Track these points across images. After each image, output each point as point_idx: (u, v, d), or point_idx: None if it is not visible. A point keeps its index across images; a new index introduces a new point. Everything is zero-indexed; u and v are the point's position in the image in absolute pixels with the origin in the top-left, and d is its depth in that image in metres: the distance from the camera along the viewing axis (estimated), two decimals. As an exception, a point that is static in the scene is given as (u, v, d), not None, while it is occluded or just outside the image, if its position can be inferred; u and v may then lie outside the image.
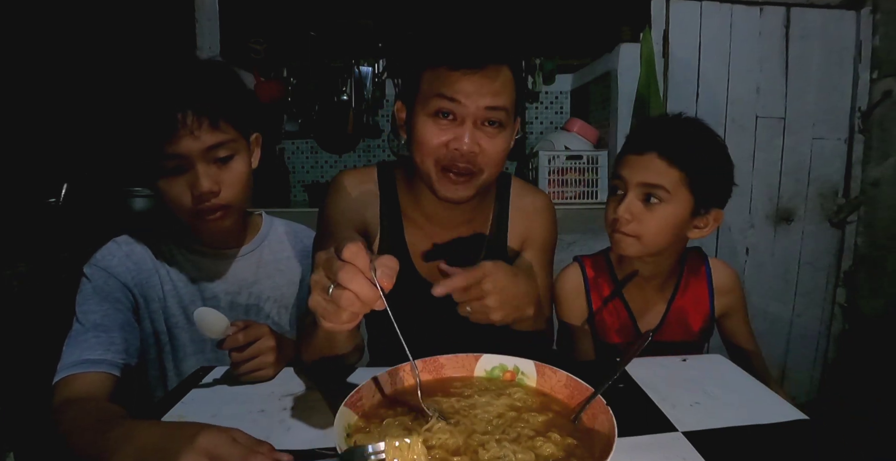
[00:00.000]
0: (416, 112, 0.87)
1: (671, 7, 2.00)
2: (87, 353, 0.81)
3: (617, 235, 0.98)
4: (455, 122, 0.84)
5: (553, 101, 2.50)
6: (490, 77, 0.82)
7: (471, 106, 0.82)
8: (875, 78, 2.11)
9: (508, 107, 0.85)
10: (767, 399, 0.73)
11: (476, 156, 0.85)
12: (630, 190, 0.96)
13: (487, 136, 0.85)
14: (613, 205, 0.99)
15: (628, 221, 0.96)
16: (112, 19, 1.79)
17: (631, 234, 0.96)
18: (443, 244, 1.00)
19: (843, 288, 2.24)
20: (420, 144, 0.86)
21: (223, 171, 0.85)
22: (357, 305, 0.53)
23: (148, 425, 0.58)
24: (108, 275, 0.90)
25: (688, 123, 1.00)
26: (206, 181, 0.82)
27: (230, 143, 0.84)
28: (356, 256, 0.52)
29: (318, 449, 0.58)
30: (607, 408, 0.52)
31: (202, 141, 0.80)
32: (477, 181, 0.88)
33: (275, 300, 1.02)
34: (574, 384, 0.59)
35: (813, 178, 2.17)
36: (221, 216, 0.86)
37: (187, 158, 0.81)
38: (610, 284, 1.09)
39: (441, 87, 0.82)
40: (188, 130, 0.79)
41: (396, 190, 1.00)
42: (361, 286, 0.52)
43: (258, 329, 0.79)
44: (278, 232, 1.06)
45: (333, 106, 2.26)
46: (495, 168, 0.89)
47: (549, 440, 0.51)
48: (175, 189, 0.83)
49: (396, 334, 0.55)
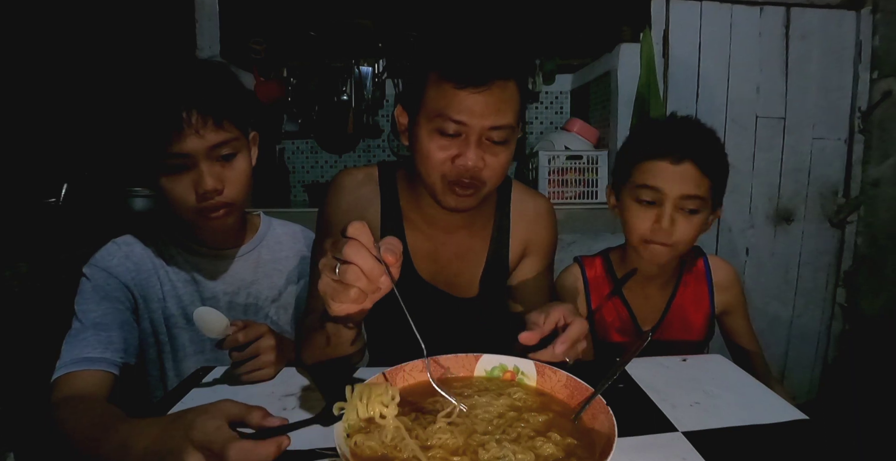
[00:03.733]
0: (419, 124, 0.85)
1: (671, 7, 2.00)
2: (86, 352, 0.81)
3: (653, 246, 0.97)
4: (459, 139, 0.83)
5: (553, 101, 2.50)
6: (496, 95, 0.81)
7: (476, 126, 0.81)
8: (875, 78, 2.11)
9: (513, 123, 0.85)
10: (767, 399, 0.73)
11: (481, 170, 0.84)
12: (667, 201, 0.95)
13: (492, 153, 0.85)
14: (645, 215, 0.97)
15: (670, 233, 0.95)
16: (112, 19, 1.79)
17: (667, 244, 0.96)
18: (444, 247, 1.00)
19: (843, 288, 2.24)
20: (425, 158, 0.85)
21: (226, 169, 0.85)
22: (363, 281, 0.55)
23: (143, 427, 0.56)
24: (107, 274, 0.91)
25: (708, 129, 1.00)
26: (210, 179, 0.82)
27: (233, 142, 0.85)
28: (360, 232, 0.55)
29: (318, 449, 0.58)
30: (607, 408, 0.52)
31: (206, 139, 0.81)
32: (481, 192, 0.88)
33: (273, 300, 1.02)
34: (574, 384, 0.59)
35: (813, 178, 2.17)
36: (224, 214, 0.87)
37: (191, 157, 0.81)
38: (610, 284, 1.09)
39: (446, 108, 0.81)
40: (193, 129, 0.80)
41: (398, 192, 0.99)
42: (366, 259, 0.54)
43: (258, 328, 0.79)
44: (276, 232, 1.06)
45: (333, 106, 2.26)
46: (498, 179, 0.89)
47: (549, 440, 0.51)
48: (178, 187, 0.83)
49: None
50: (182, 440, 0.49)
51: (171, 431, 0.51)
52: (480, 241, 1.02)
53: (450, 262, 1.01)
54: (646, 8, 1.98)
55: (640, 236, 0.98)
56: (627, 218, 1.00)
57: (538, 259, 1.04)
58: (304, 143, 2.43)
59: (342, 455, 0.46)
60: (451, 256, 1.00)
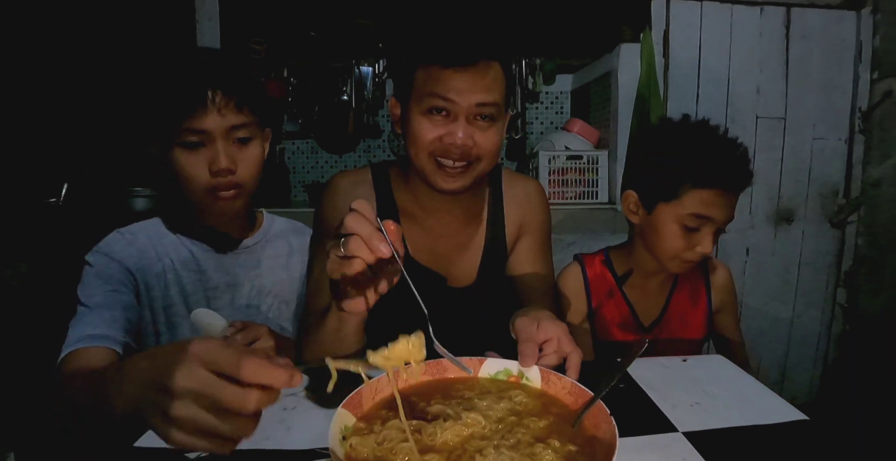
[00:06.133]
0: (410, 109, 0.89)
1: (671, 7, 2.00)
2: (90, 329, 0.81)
3: (685, 264, 1.00)
4: (448, 118, 0.87)
5: (553, 102, 2.49)
6: (481, 74, 0.85)
7: (463, 103, 0.85)
8: (875, 78, 2.11)
9: (500, 101, 0.88)
10: (767, 399, 0.73)
11: (470, 148, 0.88)
12: (712, 228, 0.96)
13: (480, 129, 0.88)
14: (686, 239, 0.97)
15: (706, 254, 0.97)
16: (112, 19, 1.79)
17: (698, 261, 1.00)
18: (442, 239, 1.01)
19: (843, 288, 2.24)
20: (415, 139, 0.88)
21: (241, 151, 0.89)
22: (364, 250, 0.57)
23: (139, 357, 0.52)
24: (109, 259, 0.92)
25: (745, 151, 0.98)
26: (224, 158, 0.85)
27: (251, 126, 0.89)
28: (362, 206, 0.58)
29: (318, 449, 0.58)
30: (610, 418, 0.51)
31: (227, 119, 0.85)
32: (473, 171, 0.91)
33: (275, 294, 1.03)
34: (578, 391, 0.58)
35: (813, 178, 2.17)
36: (234, 195, 0.90)
37: (209, 134, 0.85)
38: (610, 282, 1.10)
39: (434, 86, 0.85)
40: (216, 108, 0.84)
41: (391, 187, 1.01)
42: (365, 227, 0.57)
43: (256, 329, 0.79)
44: (280, 228, 1.08)
45: (333, 106, 2.26)
46: (491, 158, 0.92)
47: (548, 447, 0.50)
48: (193, 164, 0.86)
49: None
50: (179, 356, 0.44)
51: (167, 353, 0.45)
52: (477, 229, 1.04)
53: (448, 253, 1.02)
54: (646, 8, 1.98)
55: (675, 254, 0.99)
56: (665, 236, 0.98)
57: (532, 239, 1.06)
58: (304, 143, 2.43)
59: (334, 456, 0.45)
60: (450, 246, 1.02)
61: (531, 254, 1.05)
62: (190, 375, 0.41)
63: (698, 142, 0.97)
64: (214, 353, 0.43)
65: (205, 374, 0.41)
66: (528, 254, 1.05)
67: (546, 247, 1.09)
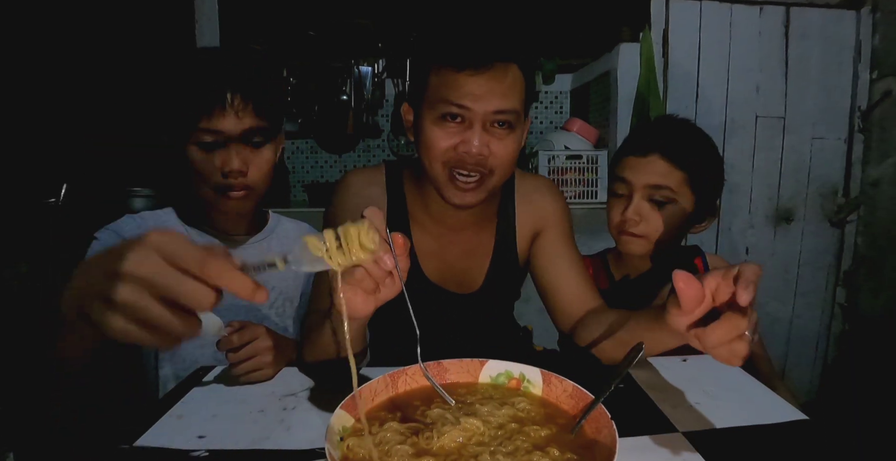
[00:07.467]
0: (423, 115, 0.84)
1: (671, 7, 2.00)
2: None
3: (625, 237, 1.00)
4: (463, 125, 0.82)
5: (553, 101, 2.50)
6: (497, 78, 0.79)
7: (479, 110, 0.79)
8: (875, 78, 2.11)
9: (518, 108, 0.82)
10: (767, 399, 0.73)
11: (486, 158, 0.82)
12: (636, 192, 0.98)
13: (497, 138, 0.82)
14: (618, 207, 1.01)
15: (637, 223, 0.98)
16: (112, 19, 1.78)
17: (639, 235, 0.99)
18: (451, 246, 1.00)
19: (843, 288, 2.24)
20: (428, 148, 0.83)
21: (254, 154, 0.91)
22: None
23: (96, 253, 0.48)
24: (117, 236, 0.94)
25: (684, 124, 1.03)
26: (237, 160, 0.87)
27: (265, 131, 0.91)
28: (373, 214, 0.54)
29: (318, 449, 0.58)
30: (611, 422, 0.50)
31: (243, 122, 0.87)
32: (487, 185, 0.86)
33: (280, 291, 1.04)
34: (580, 394, 0.58)
35: (813, 177, 2.17)
36: (244, 196, 0.91)
37: (225, 135, 0.86)
38: (606, 284, 1.11)
39: (447, 92, 0.80)
40: (234, 110, 0.86)
41: (404, 191, 0.99)
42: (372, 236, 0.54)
43: (254, 330, 0.79)
44: (285, 227, 1.10)
45: (333, 106, 2.26)
46: (506, 169, 0.86)
47: (546, 455, 0.49)
48: (206, 163, 0.88)
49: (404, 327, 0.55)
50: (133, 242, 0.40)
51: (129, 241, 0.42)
52: (487, 235, 1.01)
53: (457, 261, 1.00)
54: (645, 8, 1.98)
55: (615, 227, 1.02)
56: (607, 211, 1.05)
57: (554, 231, 1.00)
58: (304, 142, 2.43)
59: (330, 457, 0.45)
60: (459, 255, 1.00)
61: (558, 245, 1.00)
62: (144, 262, 0.39)
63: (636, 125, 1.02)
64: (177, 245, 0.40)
65: (161, 263, 0.39)
66: (554, 246, 1.00)
67: (570, 236, 1.02)
